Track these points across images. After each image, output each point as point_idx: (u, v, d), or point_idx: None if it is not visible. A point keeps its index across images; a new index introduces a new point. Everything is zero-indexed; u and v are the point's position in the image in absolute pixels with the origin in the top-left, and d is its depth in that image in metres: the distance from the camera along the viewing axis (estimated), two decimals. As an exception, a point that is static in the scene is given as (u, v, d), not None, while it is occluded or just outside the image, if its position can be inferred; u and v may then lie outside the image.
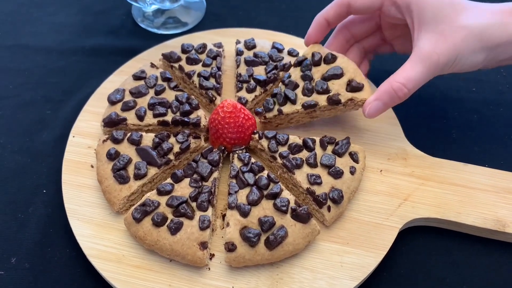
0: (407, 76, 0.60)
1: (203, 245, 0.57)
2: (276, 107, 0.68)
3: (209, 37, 0.85)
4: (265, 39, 0.82)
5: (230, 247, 0.57)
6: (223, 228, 0.62)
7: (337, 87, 0.67)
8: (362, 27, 0.72)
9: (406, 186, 0.66)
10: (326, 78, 0.68)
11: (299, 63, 0.70)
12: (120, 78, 0.77)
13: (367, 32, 0.72)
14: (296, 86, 0.68)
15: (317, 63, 0.69)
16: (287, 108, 0.68)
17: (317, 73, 0.69)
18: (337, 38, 0.73)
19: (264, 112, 0.68)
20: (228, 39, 0.83)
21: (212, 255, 0.60)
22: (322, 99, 0.66)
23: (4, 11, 0.97)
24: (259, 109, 0.69)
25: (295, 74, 0.70)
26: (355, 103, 0.66)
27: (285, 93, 0.68)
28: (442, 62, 0.59)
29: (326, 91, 0.67)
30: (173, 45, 0.83)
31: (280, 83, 0.70)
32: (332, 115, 0.70)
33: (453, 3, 0.60)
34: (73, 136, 0.72)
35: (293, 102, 0.67)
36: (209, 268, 0.59)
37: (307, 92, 0.67)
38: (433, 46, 0.59)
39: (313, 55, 0.70)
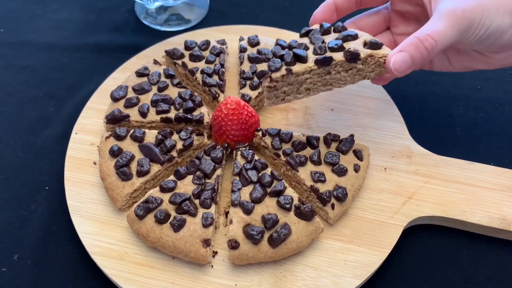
0: (432, 28, 0.54)
1: (206, 243, 0.57)
2: (284, 66, 0.58)
3: (212, 34, 0.84)
4: (268, 36, 0.81)
5: (233, 245, 0.56)
6: (226, 225, 0.62)
7: (353, 45, 0.58)
8: (370, 22, 0.68)
9: (411, 184, 0.66)
10: (340, 38, 0.59)
11: (306, 34, 0.62)
12: (123, 75, 0.77)
13: (374, 29, 0.68)
14: (305, 47, 0.59)
15: (327, 32, 0.61)
16: (298, 67, 0.58)
17: (327, 38, 0.60)
18: None
19: (270, 72, 0.58)
20: (231, 36, 0.83)
21: (215, 253, 0.60)
22: (338, 55, 0.57)
23: (8, 8, 0.96)
24: (264, 70, 0.59)
25: (303, 41, 0.61)
26: (376, 60, 0.57)
27: (294, 52, 0.58)
28: (468, 18, 0.54)
29: (341, 48, 0.58)
30: (176, 42, 0.82)
31: (286, 49, 0.60)
32: (350, 81, 0.60)
33: None
34: (76, 133, 0.72)
35: (304, 60, 0.58)
36: (212, 266, 0.59)
37: (320, 51, 0.58)
38: (456, 3, 0.54)
39: (321, 25, 0.62)
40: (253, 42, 0.78)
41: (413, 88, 0.81)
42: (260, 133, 0.67)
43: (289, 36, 0.83)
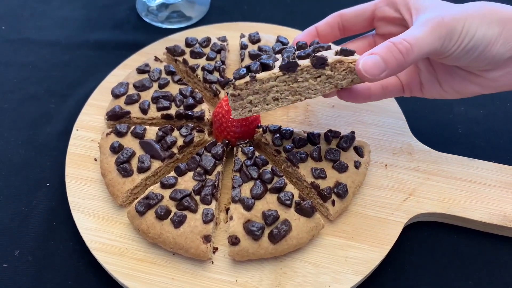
0: (409, 33, 0.51)
1: (207, 239, 0.57)
2: (249, 73, 0.54)
3: (213, 31, 0.84)
4: (270, 33, 0.81)
5: (234, 241, 0.56)
6: (227, 221, 0.62)
7: (324, 55, 0.54)
8: (353, 47, 0.63)
9: (412, 180, 0.66)
10: (311, 49, 0.55)
11: (279, 50, 0.61)
12: (124, 72, 0.77)
13: (358, 53, 0.59)
14: (275, 59, 0.56)
15: (301, 48, 0.57)
16: (262, 74, 0.54)
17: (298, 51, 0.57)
18: (328, 24, 0.63)
19: (234, 80, 0.54)
20: (232, 33, 0.83)
21: (215, 249, 0.60)
22: (304, 61, 0.54)
23: (9, 5, 0.97)
24: (227, 79, 0.55)
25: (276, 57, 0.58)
26: (346, 66, 0.53)
27: (261, 62, 0.55)
28: (448, 24, 0.50)
29: (309, 55, 0.54)
30: (177, 39, 0.82)
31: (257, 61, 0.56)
32: (320, 90, 0.55)
33: None
34: (77, 130, 0.72)
35: (270, 67, 0.54)
36: (213, 262, 0.59)
37: (287, 59, 0.54)
38: (436, 13, 0.52)
39: (297, 43, 0.59)
40: (254, 39, 0.78)
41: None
42: (260, 129, 0.67)
43: (290, 33, 0.83)
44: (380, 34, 0.62)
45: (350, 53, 0.54)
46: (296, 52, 0.56)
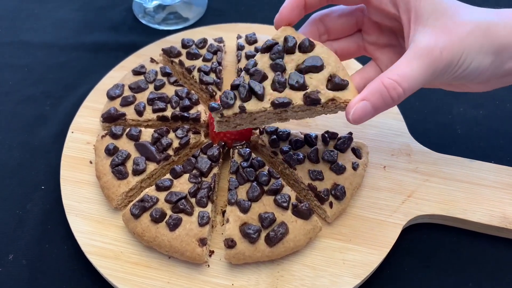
0: (402, 73, 0.47)
1: (202, 242, 0.56)
2: (238, 102, 0.52)
3: (210, 33, 0.83)
4: (267, 34, 0.80)
5: (230, 244, 0.56)
6: (223, 224, 0.61)
7: (315, 82, 0.52)
8: (340, 23, 0.59)
9: (410, 182, 0.65)
10: (303, 70, 0.53)
11: (268, 48, 0.54)
12: (120, 74, 0.77)
13: (343, 31, 0.59)
14: (264, 77, 0.53)
15: (290, 50, 0.54)
16: (252, 105, 0.52)
17: (290, 62, 0.53)
18: (309, 30, 0.58)
19: (222, 109, 0.52)
20: (229, 34, 0.82)
21: (211, 252, 0.59)
22: (297, 97, 0.51)
23: (5, 7, 0.96)
24: (214, 104, 0.52)
25: (263, 61, 0.54)
26: (337, 104, 0.52)
27: (250, 85, 0.52)
28: (445, 59, 0.48)
29: (302, 86, 0.52)
30: (173, 41, 0.82)
31: (243, 71, 0.54)
32: (306, 117, 0.55)
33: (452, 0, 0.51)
34: (72, 132, 0.71)
35: (260, 97, 0.52)
36: (209, 265, 0.58)
37: (278, 86, 0.52)
38: (435, 39, 0.48)
39: (285, 39, 0.54)
40: (251, 40, 0.77)
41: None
42: (257, 131, 0.66)
43: (288, 34, 0.82)
44: (371, 18, 0.58)
45: (343, 86, 0.52)
46: (288, 70, 0.53)
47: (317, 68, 0.53)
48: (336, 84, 0.52)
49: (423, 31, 0.49)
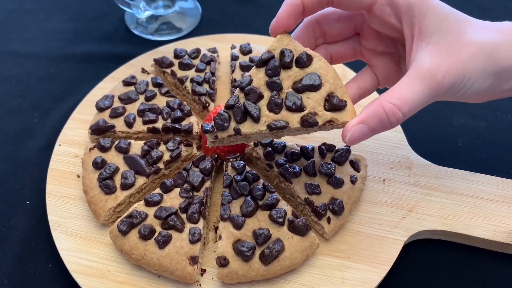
0: (403, 97, 0.46)
1: (193, 260, 0.53)
2: (233, 124, 0.50)
3: (204, 43, 0.82)
4: (261, 44, 0.79)
5: (222, 262, 0.53)
6: (216, 241, 0.58)
7: (313, 103, 0.50)
8: (337, 27, 0.56)
9: (411, 196, 0.63)
10: (300, 89, 0.50)
11: (263, 63, 0.51)
12: (110, 85, 0.74)
13: (340, 35, 0.57)
14: (260, 97, 0.50)
15: (287, 66, 0.51)
16: (247, 127, 0.50)
17: (287, 79, 0.51)
18: (305, 33, 0.56)
19: (216, 131, 0.50)
20: (223, 44, 0.80)
21: (203, 271, 0.56)
22: (293, 119, 0.50)
23: (-6, 17, 0.94)
24: (207, 126, 0.50)
25: (258, 78, 0.51)
26: (334, 125, 0.50)
27: (245, 107, 0.50)
28: (447, 83, 0.47)
29: (299, 108, 0.50)
30: (166, 51, 0.80)
31: (238, 89, 0.51)
32: (303, 133, 0.53)
33: (457, 14, 0.50)
34: (60, 145, 0.68)
35: (256, 120, 0.50)
36: (200, 285, 0.55)
37: (275, 107, 0.50)
38: (438, 62, 0.47)
39: (282, 53, 0.51)
40: (245, 50, 0.75)
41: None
42: (252, 143, 0.63)
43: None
44: (370, 26, 0.55)
45: (341, 107, 0.50)
46: (284, 89, 0.51)
47: (315, 87, 0.50)
48: (334, 105, 0.50)
49: (426, 50, 0.48)
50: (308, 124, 0.50)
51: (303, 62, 0.51)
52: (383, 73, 0.56)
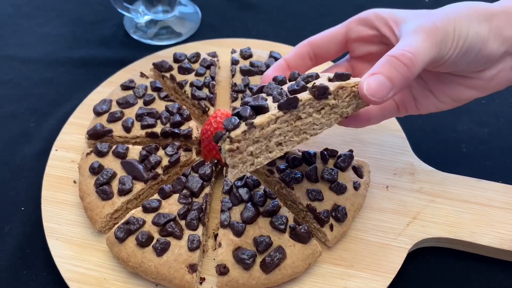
0: (406, 44, 0.47)
1: (192, 268, 0.52)
2: (243, 122, 0.46)
3: (204, 48, 0.81)
4: (262, 49, 0.78)
5: (222, 270, 0.52)
6: (215, 249, 0.57)
7: (317, 82, 0.48)
8: (326, 47, 0.58)
9: (415, 203, 0.62)
10: (299, 81, 0.49)
11: (259, 90, 0.52)
12: (108, 89, 0.73)
13: (330, 52, 0.58)
14: (263, 100, 0.48)
15: (282, 83, 0.52)
16: (259, 118, 0.46)
17: (285, 86, 0.51)
18: (299, 55, 0.58)
19: (228, 132, 0.46)
20: (224, 49, 0.79)
21: (202, 279, 0.55)
22: (303, 95, 0.47)
23: (-8, 22, 0.93)
24: (218, 132, 0.46)
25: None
26: (349, 91, 0.48)
27: (251, 105, 0.47)
28: (440, 28, 0.47)
29: (304, 88, 0.48)
30: (165, 56, 0.79)
31: (241, 105, 0.48)
32: (326, 123, 0.50)
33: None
34: (56, 150, 0.67)
35: (266, 109, 0.47)
36: (199, 294, 0.54)
37: (280, 96, 0.47)
38: (422, 20, 0.48)
39: (274, 78, 0.52)
40: (246, 55, 0.74)
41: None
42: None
43: (283, 49, 0.80)
44: (356, 56, 0.58)
45: (346, 76, 0.49)
46: (286, 86, 0.50)
47: (313, 77, 0.50)
48: (339, 76, 0.49)
49: (409, 23, 0.49)
50: (318, 90, 0.47)
51: (295, 76, 0.52)
52: None
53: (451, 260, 0.60)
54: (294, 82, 0.49)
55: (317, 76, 0.50)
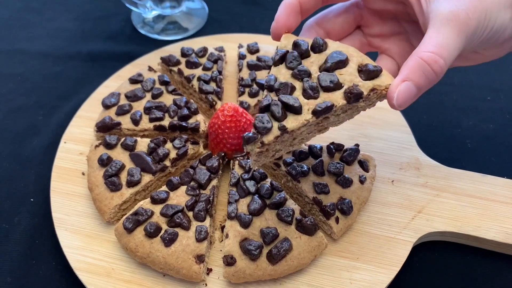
0: (438, 43, 0.44)
1: (200, 258, 0.52)
2: (276, 124, 0.45)
3: (211, 42, 0.81)
4: (269, 44, 0.78)
5: (229, 261, 0.52)
6: (222, 240, 0.57)
7: (348, 77, 0.47)
8: (338, 22, 0.56)
9: (420, 197, 0.62)
10: (329, 69, 0.47)
11: (281, 59, 0.49)
12: (116, 83, 0.74)
13: (343, 30, 0.56)
14: (292, 88, 0.47)
15: (306, 54, 0.49)
16: (292, 122, 0.45)
17: (311, 66, 0.48)
18: (307, 36, 0.55)
19: (260, 136, 0.45)
20: (230, 44, 0.80)
21: (209, 270, 0.55)
22: (337, 98, 0.46)
23: (1, 16, 0.94)
24: (249, 134, 0.45)
25: (282, 74, 0.48)
26: (378, 93, 0.47)
27: (282, 101, 0.45)
28: (473, 19, 0.45)
29: (338, 85, 0.46)
30: (173, 50, 0.79)
31: (265, 91, 0.47)
32: (347, 119, 0.51)
33: None
34: (65, 142, 0.68)
35: (298, 110, 0.45)
36: (206, 284, 0.54)
37: (312, 92, 0.46)
38: (455, 3, 0.45)
39: (296, 44, 0.49)
40: (253, 49, 0.75)
41: (419, 98, 0.76)
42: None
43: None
44: (370, 8, 0.56)
45: (377, 73, 0.48)
46: (313, 73, 0.48)
47: (344, 63, 0.48)
48: (370, 72, 0.47)
49: (441, 2, 0.46)
50: (354, 96, 0.46)
51: (320, 45, 0.49)
52: (398, 52, 0.55)
53: (456, 254, 0.60)
54: (324, 72, 0.47)
55: (346, 62, 0.48)
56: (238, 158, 0.61)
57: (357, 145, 0.62)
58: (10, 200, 0.65)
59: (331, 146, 0.61)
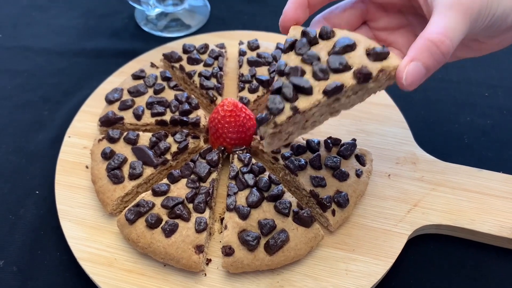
0: (444, 25, 0.45)
1: (199, 249, 0.54)
2: (287, 105, 0.45)
3: (212, 39, 0.82)
4: (270, 41, 0.79)
5: (228, 251, 0.53)
6: (221, 232, 0.59)
7: (357, 59, 0.47)
8: (345, 17, 0.57)
9: (416, 191, 0.63)
10: (338, 52, 0.48)
11: (290, 47, 0.49)
12: (119, 79, 0.75)
13: (350, 25, 0.57)
14: (303, 72, 0.47)
15: (314, 41, 0.49)
16: (304, 102, 0.45)
17: (320, 51, 0.49)
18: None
19: (272, 117, 0.45)
20: (231, 41, 0.81)
21: (209, 260, 0.57)
22: (347, 78, 0.46)
23: (7, 13, 0.96)
24: (262, 115, 0.45)
25: (292, 59, 0.48)
26: (387, 74, 0.47)
27: (293, 83, 0.46)
28: (476, 3, 0.46)
29: (347, 67, 0.47)
30: (174, 47, 0.80)
31: (277, 75, 0.48)
32: (358, 101, 0.51)
33: None
34: (69, 137, 0.69)
35: (309, 91, 0.45)
36: (205, 274, 0.55)
37: (322, 75, 0.46)
38: None
39: (304, 33, 0.50)
40: (253, 46, 0.76)
41: (417, 94, 0.78)
42: (258, 136, 0.64)
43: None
44: (375, 2, 0.56)
45: (385, 55, 0.48)
46: (322, 57, 0.48)
47: (352, 47, 0.48)
48: (379, 54, 0.47)
49: None
50: (363, 76, 0.46)
51: (328, 33, 0.50)
52: (405, 44, 0.56)
53: (451, 247, 0.61)
54: (333, 54, 0.48)
55: (353, 46, 0.49)
56: (237, 152, 0.62)
57: (354, 139, 0.63)
58: (16, 193, 0.66)
59: (329, 141, 0.63)
